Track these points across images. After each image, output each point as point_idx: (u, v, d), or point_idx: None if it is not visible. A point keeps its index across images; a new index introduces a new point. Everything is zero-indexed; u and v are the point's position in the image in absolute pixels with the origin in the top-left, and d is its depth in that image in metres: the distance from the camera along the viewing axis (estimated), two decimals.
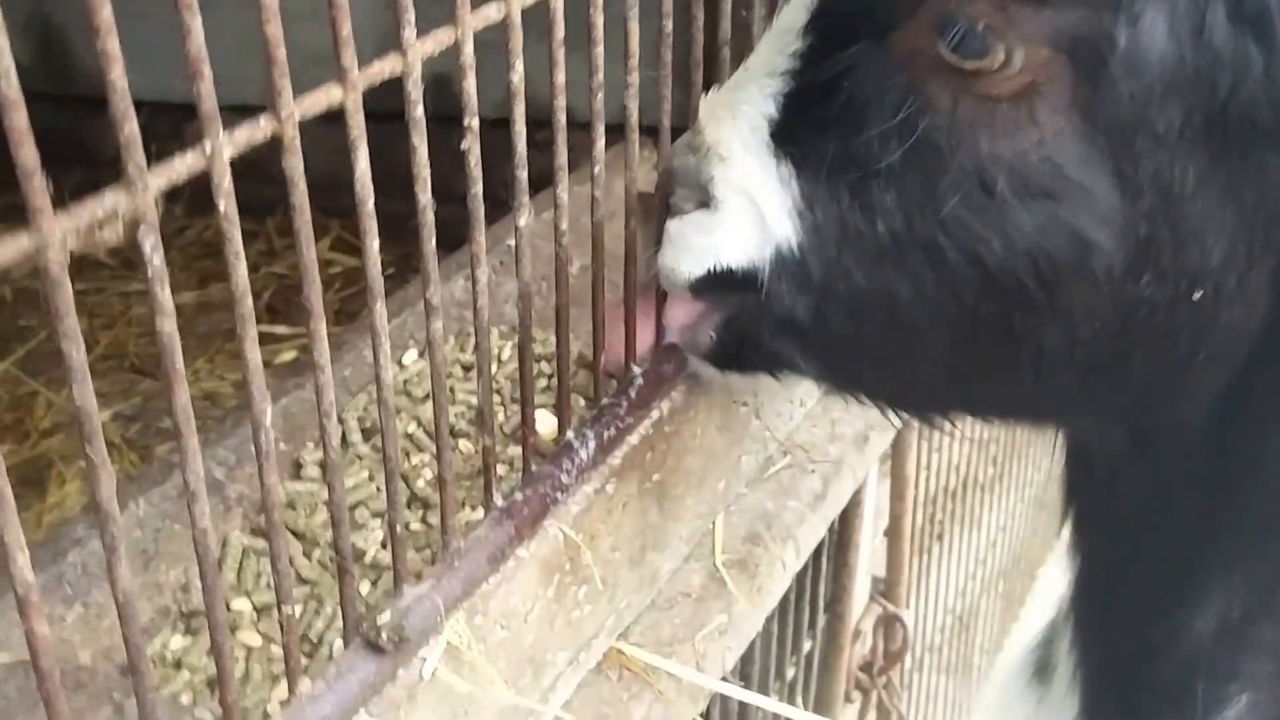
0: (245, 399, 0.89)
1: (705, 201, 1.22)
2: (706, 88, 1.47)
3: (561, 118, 1.22)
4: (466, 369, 1.74)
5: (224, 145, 0.81)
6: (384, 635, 1.04)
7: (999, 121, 1.04)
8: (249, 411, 0.89)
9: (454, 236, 1.37)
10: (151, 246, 0.77)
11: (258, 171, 0.93)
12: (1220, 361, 1.11)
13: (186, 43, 0.78)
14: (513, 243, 1.98)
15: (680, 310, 1.31)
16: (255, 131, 0.85)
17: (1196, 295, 1.05)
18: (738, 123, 1.21)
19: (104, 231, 0.78)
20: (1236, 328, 1.08)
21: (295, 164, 0.88)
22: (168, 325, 0.80)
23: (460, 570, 1.15)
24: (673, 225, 1.24)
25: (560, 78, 1.20)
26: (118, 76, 0.73)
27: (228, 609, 1.41)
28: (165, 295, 0.79)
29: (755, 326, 1.23)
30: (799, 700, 2.21)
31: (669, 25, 1.37)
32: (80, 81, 3.56)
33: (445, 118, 1.25)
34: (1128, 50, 0.98)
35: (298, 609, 1.41)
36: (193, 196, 3.11)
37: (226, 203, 0.83)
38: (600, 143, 1.30)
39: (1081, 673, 1.40)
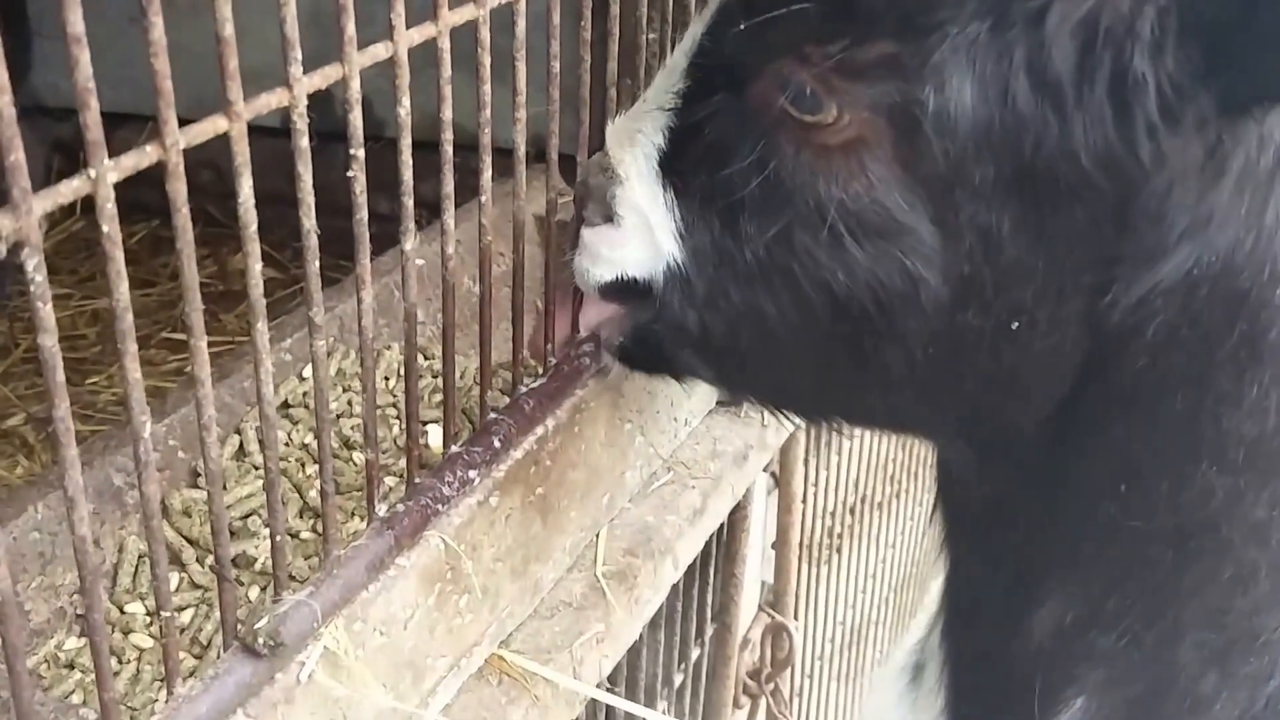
0: (126, 413, 0.90)
1: (610, 216, 1.32)
2: (593, 123, 1.53)
3: (448, 149, 1.24)
4: None
5: (108, 170, 0.83)
6: (260, 640, 1.05)
7: (833, 168, 1.13)
8: (129, 424, 0.90)
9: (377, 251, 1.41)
10: (34, 267, 0.78)
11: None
12: (1041, 383, 1.21)
13: (75, 73, 0.80)
14: (422, 261, 2.03)
15: (594, 311, 1.43)
16: (141, 158, 0.87)
17: (1015, 325, 1.15)
18: (635, 149, 1.31)
19: None
20: (1052, 354, 1.17)
21: (179, 189, 0.90)
22: (49, 340, 0.81)
23: (340, 578, 1.16)
24: (586, 234, 1.35)
25: (447, 112, 1.23)
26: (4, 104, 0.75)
27: (121, 612, 1.41)
28: (47, 312, 0.80)
29: (655, 335, 1.34)
30: (687, 706, 2.23)
31: (556, 66, 1.40)
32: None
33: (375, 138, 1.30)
34: (937, 114, 1.07)
35: (189, 614, 1.42)
36: (120, 209, 3.08)
37: (110, 226, 0.84)
38: (488, 172, 1.32)
39: (946, 671, 1.47)
